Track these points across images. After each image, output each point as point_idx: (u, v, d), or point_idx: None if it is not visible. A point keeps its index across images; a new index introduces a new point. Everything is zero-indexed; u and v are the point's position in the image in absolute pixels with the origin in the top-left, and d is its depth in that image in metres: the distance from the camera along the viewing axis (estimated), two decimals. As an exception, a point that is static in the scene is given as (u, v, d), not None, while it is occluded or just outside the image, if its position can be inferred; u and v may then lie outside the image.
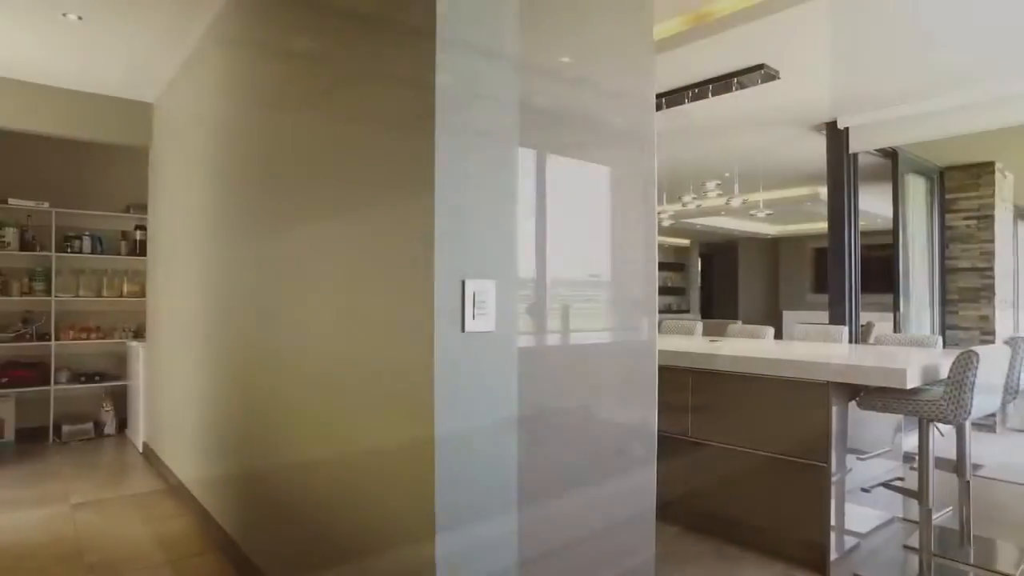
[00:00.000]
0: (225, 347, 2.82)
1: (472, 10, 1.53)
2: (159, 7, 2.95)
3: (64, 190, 5.07)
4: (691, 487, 3.04)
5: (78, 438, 4.86)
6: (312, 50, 2.04)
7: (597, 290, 2.03)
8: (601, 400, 1.99)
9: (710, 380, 2.98)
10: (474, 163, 1.52)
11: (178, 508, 3.33)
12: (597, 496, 1.97)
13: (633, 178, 2.12)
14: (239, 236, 2.68)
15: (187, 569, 2.62)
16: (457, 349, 1.47)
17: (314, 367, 1.99)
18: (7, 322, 4.84)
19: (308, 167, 2.05)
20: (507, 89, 1.60)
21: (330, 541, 1.88)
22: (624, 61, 2.07)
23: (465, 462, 1.50)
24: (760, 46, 3.18)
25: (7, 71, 3.86)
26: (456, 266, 1.47)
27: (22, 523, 3.12)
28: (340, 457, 1.83)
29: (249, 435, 2.51)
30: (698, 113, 4.16)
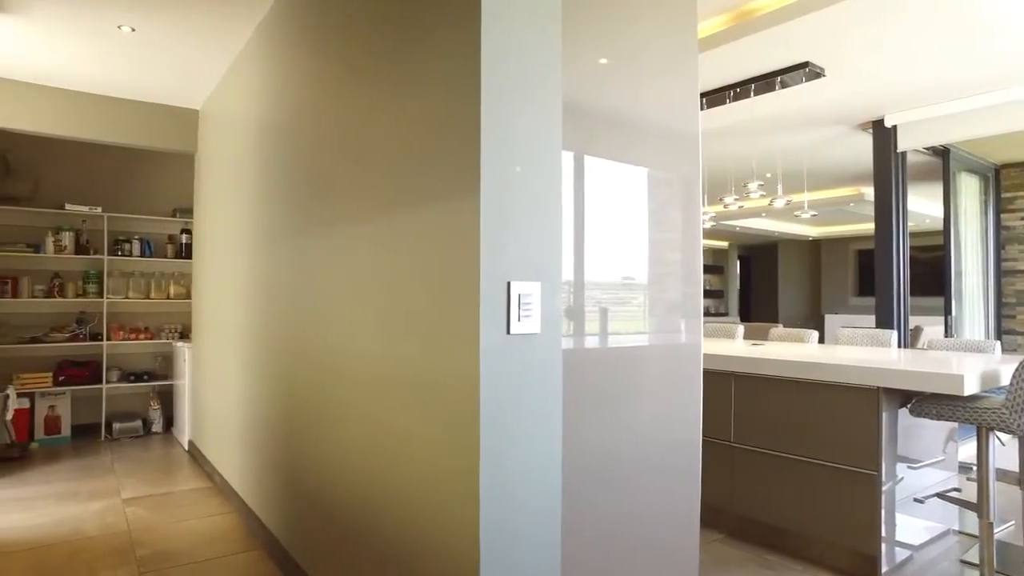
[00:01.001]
0: (268, 348, 2.88)
1: (517, 11, 1.53)
2: (206, 17, 3.03)
3: (115, 195, 5.26)
4: (733, 493, 2.98)
5: (127, 435, 5.02)
6: (356, 53, 2.07)
7: (639, 292, 2.01)
8: (645, 403, 1.97)
9: (753, 384, 2.92)
10: (519, 165, 1.52)
11: (223, 506, 3.41)
12: (640, 501, 1.94)
13: (677, 179, 2.10)
14: (282, 238, 2.74)
15: (233, 565, 2.68)
16: (502, 351, 1.47)
17: (356, 367, 2.01)
18: (63, 322, 5.04)
19: (352, 169, 2.08)
20: (551, 90, 1.60)
21: (373, 543, 1.89)
22: (667, 61, 2.04)
23: (509, 466, 1.49)
24: (804, 43, 3.10)
25: (67, 83, 4.03)
26: (501, 268, 1.47)
27: (79, 515, 3.24)
28: (383, 458, 1.84)
29: (292, 435, 2.55)
30: (739, 113, 4.09)
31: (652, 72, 2.00)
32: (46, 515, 3.26)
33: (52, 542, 2.90)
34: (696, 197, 2.14)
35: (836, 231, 10.96)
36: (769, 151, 5.43)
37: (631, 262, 1.98)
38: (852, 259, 11.21)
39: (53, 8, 2.97)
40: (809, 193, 6.84)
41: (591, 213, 1.85)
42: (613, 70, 1.89)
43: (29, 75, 3.90)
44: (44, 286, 4.91)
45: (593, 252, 1.86)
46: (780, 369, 2.79)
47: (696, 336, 2.15)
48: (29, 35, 3.28)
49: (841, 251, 11.40)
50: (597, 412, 1.84)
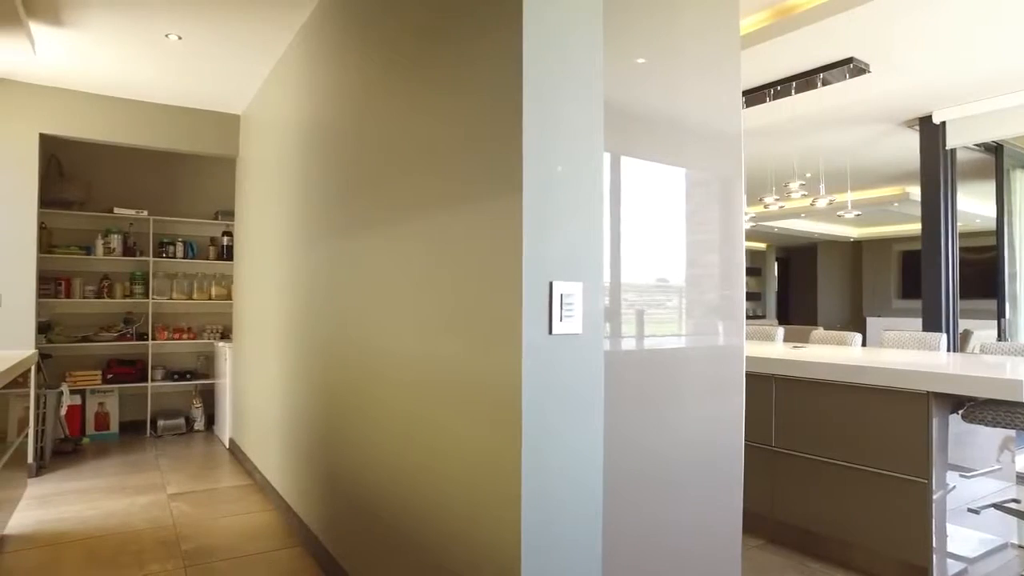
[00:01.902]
0: (308, 348, 2.93)
1: (558, 12, 1.52)
2: (249, 24, 3.10)
3: (160, 199, 5.43)
4: (774, 498, 2.92)
5: (171, 432, 5.16)
6: (397, 56, 2.09)
7: (680, 294, 1.98)
8: (686, 406, 1.94)
9: (795, 388, 2.86)
10: (561, 164, 1.52)
11: (263, 503, 3.48)
12: (681, 505, 1.92)
13: (718, 180, 2.07)
14: (322, 239, 2.78)
15: (274, 562, 2.72)
16: (544, 351, 1.47)
17: (395, 367, 2.03)
18: (111, 322, 5.21)
19: (392, 170, 2.10)
20: (593, 90, 1.59)
21: (412, 542, 1.90)
22: (709, 60, 2.01)
23: (551, 467, 1.49)
24: (849, 38, 3.02)
25: (117, 92, 4.17)
26: (543, 268, 1.47)
27: (127, 508, 3.34)
28: (422, 458, 1.85)
29: (331, 434, 2.59)
30: (780, 112, 4.01)
31: (693, 71, 1.97)
32: (97, 507, 3.37)
33: (103, 533, 3.00)
34: (738, 198, 2.11)
35: (879, 232, 10.65)
36: (811, 150, 5.31)
37: (672, 263, 1.95)
38: (896, 260, 10.88)
39: (107, 20, 3.07)
40: (852, 193, 6.66)
41: (630, 214, 1.83)
42: (652, 69, 1.88)
43: (83, 85, 4.05)
44: (94, 287, 5.09)
45: (634, 253, 1.85)
46: (824, 372, 2.72)
47: (738, 338, 2.12)
48: (84, 46, 3.41)
49: (884, 252, 11.08)
50: (637, 413, 1.82)
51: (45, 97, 4.07)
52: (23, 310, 3.98)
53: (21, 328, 3.97)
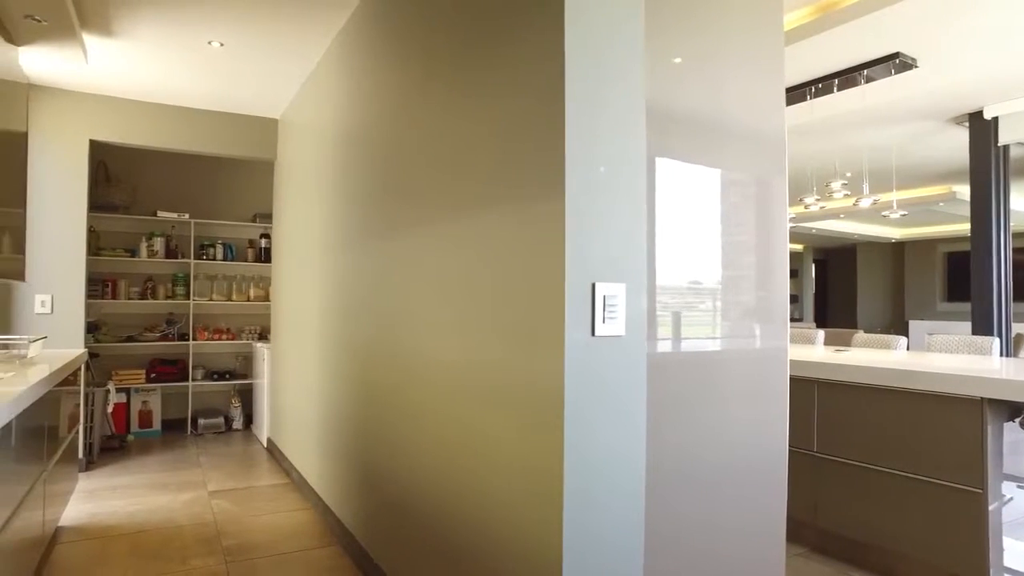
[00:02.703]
0: (345, 349, 2.96)
1: (599, 13, 1.51)
2: (289, 30, 3.15)
3: (201, 202, 5.56)
4: (816, 505, 2.84)
5: (211, 431, 5.27)
6: (435, 58, 2.10)
7: (722, 295, 1.95)
8: (728, 409, 1.90)
9: (839, 392, 2.78)
10: (603, 165, 1.50)
11: (300, 502, 3.53)
12: (724, 510, 1.88)
13: (761, 180, 2.02)
14: (359, 241, 2.81)
15: (312, 560, 2.76)
16: (587, 353, 1.45)
17: (434, 368, 2.04)
18: (154, 323, 5.35)
19: (431, 172, 2.11)
20: (633, 90, 1.57)
21: (451, 543, 1.90)
22: (751, 58, 1.97)
23: (593, 470, 1.47)
24: (895, 32, 2.94)
25: (161, 98, 4.29)
26: (586, 269, 1.45)
27: (170, 504, 3.42)
28: (461, 459, 1.85)
29: (369, 435, 2.61)
30: (821, 110, 3.91)
31: (735, 70, 1.94)
32: (142, 503, 3.46)
33: (148, 528, 3.08)
34: (780, 198, 2.07)
35: (922, 232, 10.33)
36: (853, 149, 5.17)
37: (714, 265, 1.92)
38: (940, 262, 10.53)
39: (154, 29, 3.16)
40: (894, 193, 6.47)
41: (669, 215, 1.80)
42: (692, 68, 1.85)
43: (129, 92, 4.17)
44: (138, 288, 5.24)
45: (674, 255, 1.82)
46: (870, 377, 2.64)
47: (782, 341, 2.07)
48: (131, 55, 3.51)
49: (928, 253, 10.74)
50: (679, 416, 1.79)
51: (94, 104, 4.21)
52: (73, 310, 4.12)
53: (72, 328, 4.10)
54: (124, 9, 2.95)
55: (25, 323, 4.00)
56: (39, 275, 3.99)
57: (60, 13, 2.79)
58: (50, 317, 4.06)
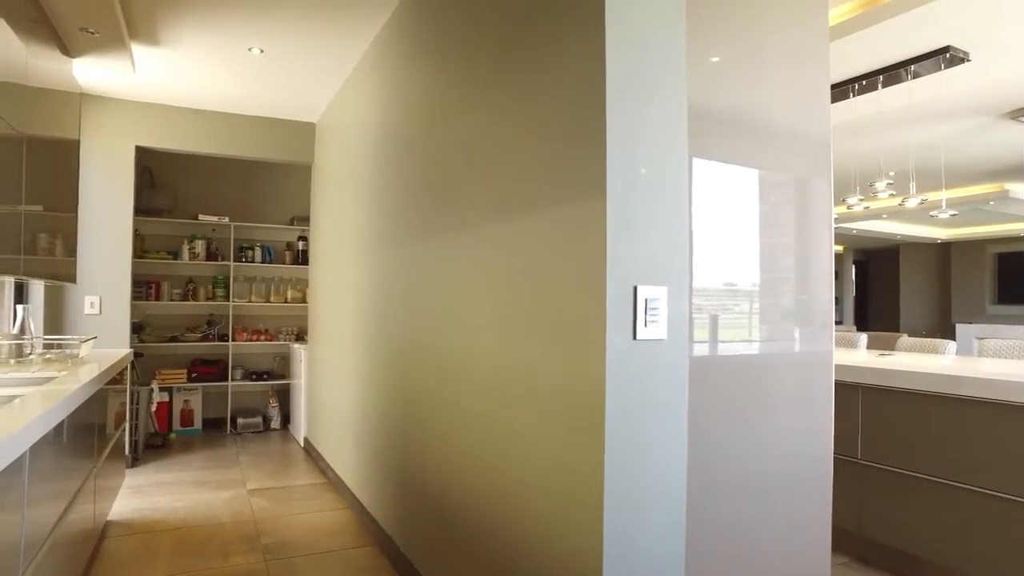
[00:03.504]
0: (382, 351, 2.98)
1: (641, 13, 1.49)
2: (327, 35, 3.20)
3: (240, 206, 5.68)
4: (861, 514, 2.76)
5: (249, 430, 5.38)
6: (473, 61, 2.10)
7: (765, 297, 1.90)
8: (772, 414, 1.86)
9: (885, 398, 2.69)
10: (644, 167, 1.48)
11: (337, 501, 3.57)
12: (766, 517, 1.83)
13: (804, 180, 1.97)
14: (397, 243, 2.83)
15: (349, 559, 2.78)
16: (628, 357, 1.43)
17: (472, 371, 2.03)
18: (195, 324, 5.49)
19: (469, 174, 2.11)
20: (675, 90, 1.54)
21: (488, 546, 1.90)
22: (794, 56, 1.93)
23: (634, 475, 1.45)
24: (947, 25, 2.83)
25: (204, 104, 4.40)
26: (627, 272, 1.44)
27: (211, 501, 3.50)
28: (499, 462, 1.85)
29: (406, 436, 2.63)
30: (864, 107, 3.80)
31: (777, 68, 1.90)
32: (185, 499, 3.54)
33: (191, 524, 3.15)
34: (825, 198, 2.02)
35: (971, 232, 9.96)
36: (898, 147, 5.02)
37: (755, 267, 1.88)
38: (990, 263, 10.14)
39: (197, 37, 3.24)
40: (942, 191, 6.25)
41: (710, 217, 1.77)
42: (733, 67, 1.81)
43: (173, 99, 4.29)
44: (180, 290, 5.37)
45: (716, 257, 1.79)
46: (919, 383, 2.55)
47: (827, 345, 2.02)
48: (176, 63, 3.61)
49: (976, 254, 10.35)
50: (720, 421, 1.76)
51: (140, 112, 4.34)
52: (120, 311, 4.25)
53: (118, 328, 4.23)
54: (170, 19, 3.04)
55: (75, 323, 4.14)
56: (88, 277, 4.13)
57: (112, 25, 2.88)
58: (98, 318, 4.19)
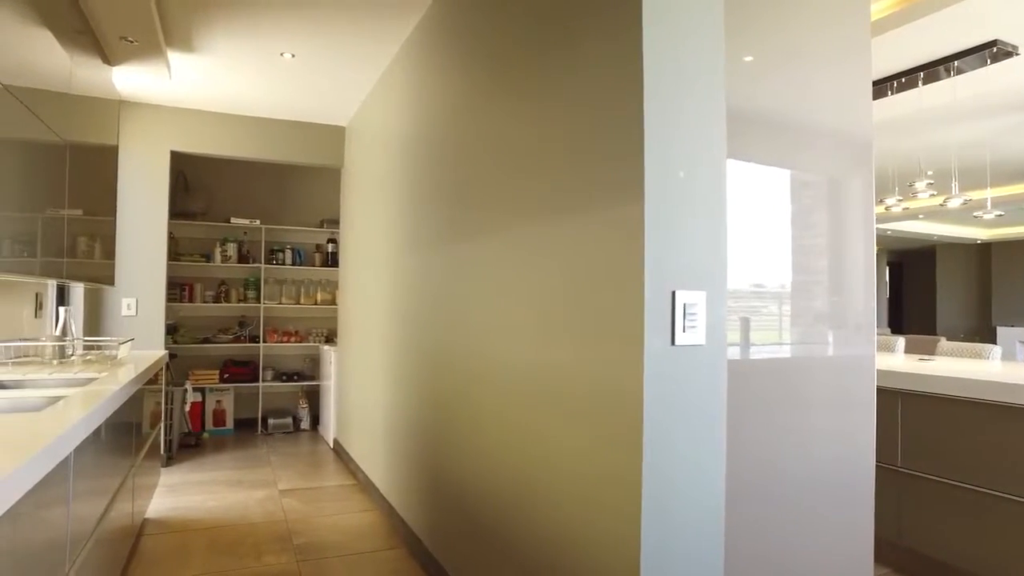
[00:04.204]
0: (412, 353, 2.99)
1: (678, 12, 1.47)
2: (357, 40, 3.23)
3: (271, 209, 5.76)
4: (901, 523, 2.68)
5: (280, 431, 5.45)
6: (506, 64, 2.09)
7: (804, 299, 1.86)
8: (811, 420, 1.81)
9: (927, 404, 2.61)
10: (682, 170, 1.45)
11: (367, 503, 3.59)
12: (806, 526, 1.79)
13: (845, 180, 1.93)
14: (427, 245, 2.83)
15: (380, 561, 2.79)
16: (666, 362, 1.41)
17: (504, 375, 2.02)
18: (227, 325, 5.58)
19: (500, 177, 2.10)
20: (713, 91, 1.51)
21: (520, 552, 1.88)
22: (834, 54, 1.88)
23: (672, 483, 1.42)
24: (994, 18, 2.73)
25: (236, 109, 4.47)
26: (666, 276, 1.41)
27: (244, 501, 3.55)
28: (532, 468, 1.83)
29: (436, 440, 2.63)
30: (903, 106, 3.70)
31: (816, 66, 1.85)
32: (218, 499, 3.60)
33: (224, 524, 3.20)
34: (866, 199, 1.96)
35: (1014, 233, 9.64)
36: (939, 145, 4.87)
37: (792, 269, 1.84)
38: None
39: (231, 43, 3.29)
40: (982, 190, 6.07)
41: (747, 219, 1.74)
42: (769, 67, 1.77)
43: (207, 104, 4.37)
44: (213, 292, 5.47)
45: (754, 259, 1.75)
46: (971, 390, 2.47)
47: (868, 348, 1.97)
48: (210, 69, 3.67)
49: (1020, 255, 10.02)
50: (758, 427, 1.72)
51: (175, 117, 4.43)
52: (155, 313, 4.34)
53: (153, 329, 4.32)
54: (205, 26, 3.09)
55: (113, 325, 4.24)
56: (125, 279, 4.22)
57: (150, 33, 2.94)
58: (135, 319, 4.28)
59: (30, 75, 1.96)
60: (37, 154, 2.05)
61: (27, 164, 1.96)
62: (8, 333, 2.59)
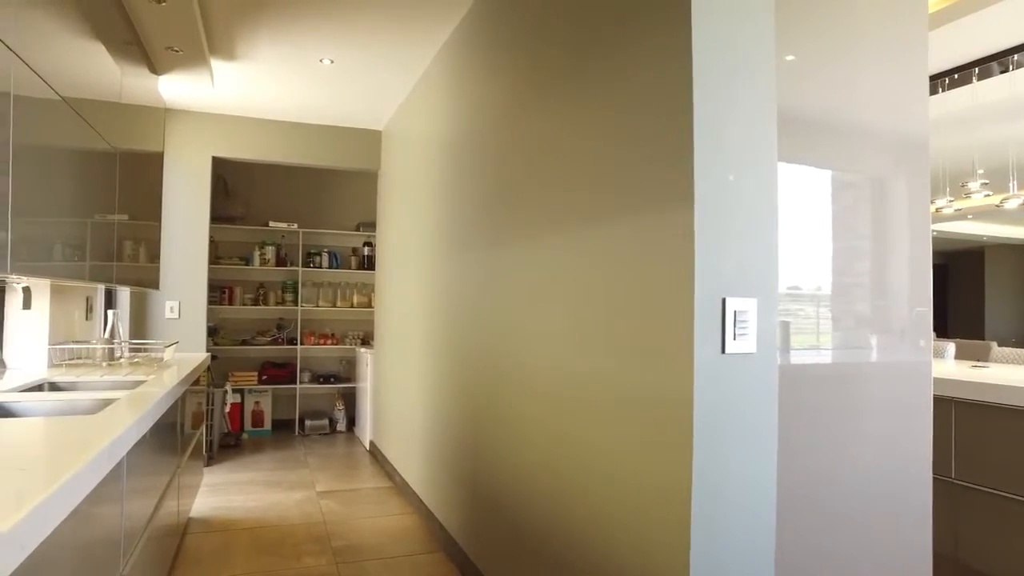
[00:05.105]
0: (450, 356, 2.99)
1: (728, 13, 1.43)
2: (395, 45, 3.25)
3: (308, 212, 5.84)
4: (957, 538, 2.57)
5: (316, 432, 5.52)
6: (546, 67, 2.08)
7: (855, 303, 1.80)
8: (864, 429, 1.75)
9: (985, 414, 2.51)
10: (732, 174, 1.42)
11: (404, 506, 3.60)
12: (860, 541, 1.73)
13: (899, 181, 1.86)
14: (465, 249, 2.83)
15: (419, 565, 2.80)
16: (717, 371, 1.37)
17: (545, 381, 2.00)
18: (265, 328, 5.68)
19: (542, 182, 2.08)
20: (764, 92, 1.47)
21: (562, 561, 1.86)
22: (889, 50, 1.82)
23: (722, 494, 1.38)
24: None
25: (275, 115, 4.55)
26: (716, 283, 1.38)
27: (283, 502, 3.60)
28: (576, 477, 1.81)
29: (475, 444, 2.62)
30: (955, 102, 3.57)
31: (868, 64, 1.79)
32: (258, 499, 3.65)
33: (264, 524, 3.24)
34: (923, 201, 1.89)
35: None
36: (995, 142, 4.68)
37: (843, 272, 1.78)
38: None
39: (272, 50, 3.35)
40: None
41: (795, 222, 1.69)
42: (816, 65, 1.72)
43: (247, 110, 4.45)
44: (251, 295, 5.57)
45: (803, 263, 1.70)
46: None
47: (923, 355, 1.89)
48: (251, 76, 3.74)
49: (1074, 256, 9.60)
50: (810, 437, 1.66)
51: (216, 123, 4.52)
52: (197, 316, 4.44)
53: (195, 332, 4.42)
54: (247, 35, 3.15)
55: (157, 327, 4.35)
56: (169, 283, 4.32)
57: (194, 43, 3.01)
58: (177, 322, 4.39)
59: (85, 87, 2.01)
60: (90, 162, 2.11)
61: (81, 171, 2.01)
62: (62, 335, 2.67)
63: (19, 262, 1.50)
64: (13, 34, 1.44)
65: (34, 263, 1.63)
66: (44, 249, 1.69)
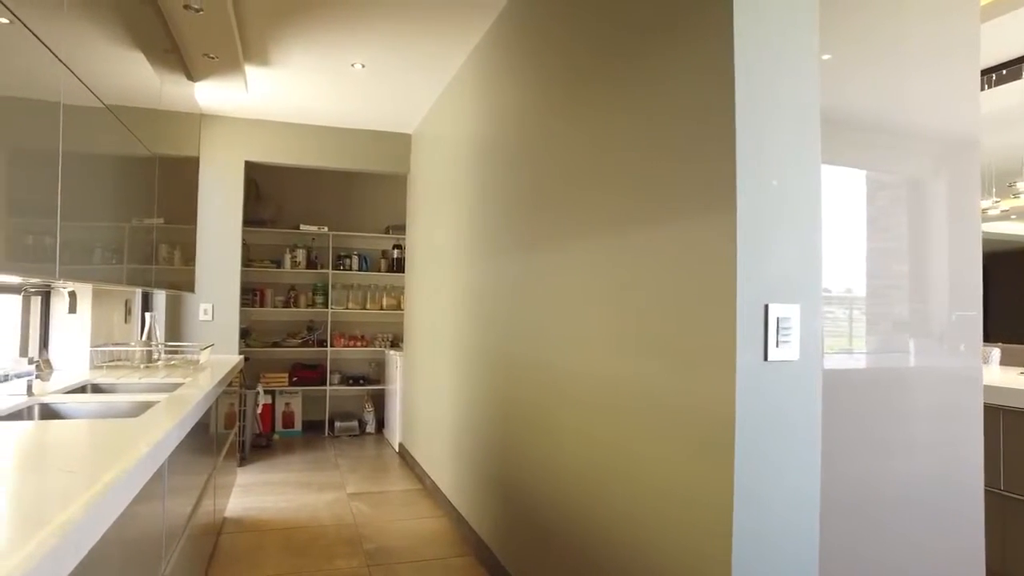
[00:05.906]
0: (481, 359, 2.98)
1: (771, 14, 1.39)
2: (425, 48, 3.26)
3: (338, 215, 5.90)
4: (1005, 551, 2.48)
5: (346, 433, 5.56)
6: (580, 70, 2.06)
7: (900, 307, 1.75)
8: (910, 436, 1.70)
9: (1036, 424, 2.41)
10: (775, 178, 1.38)
11: (434, 509, 3.60)
12: (907, 553, 1.67)
13: (947, 182, 1.80)
14: (496, 252, 2.82)
15: (450, 569, 2.79)
16: (759, 378, 1.34)
17: (580, 387, 1.98)
18: (296, 330, 5.74)
19: (575, 184, 2.06)
20: (808, 95, 1.43)
21: (598, 569, 1.83)
22: (939, 47, 1.76)
23: (765, 503, 1.35)
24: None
25: (307, 119, 4.61)
26: (758, 289, 1.34)
27: (314, 503, 3.63)
28: (610, 483, 1.78)
29: (506, 448, 2.60)
30: (1003, 99, 3.45)
31: (917, 63, 1.74)
32: (289, 500, 3.69)
33: (296, 525, 3.27)
34: (972, 203, 1.83)
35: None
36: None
37: (889, 275, 1.73)
38: None
39: (305, 56, 3.39)
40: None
41: (838, 225, 1.65)
42: (864, 65, 1.67)
43: (279, 115, 4.52)
44: (282, 297, 5.65)
45: (846, 266, 1.66)
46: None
47: (973, 360, 1.83)
48: (284, 81, 3.79)
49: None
50: (852, 444, 1.62)
51: (249, 128, 4.60)
52: (230, 318, 4.51)
53: (228, 334, 4.49)
54: (281, 41, 3.19)
55: (191, 329, 4.43)
56: (203, 286, 4.40)
57: (230, 50, 3.06)
58: (211, 324, 4.46)
59: (127, 94, 2.06)
60: (130, 167, 2.15)
61: (122, 177, 2.06)
62: (102, 338, 2.73)
63: (64, 266, 1.54)
64: (64, 47, 1.47)
65: (77, 267, 1.67)
66: (85, 253, 1.73)
